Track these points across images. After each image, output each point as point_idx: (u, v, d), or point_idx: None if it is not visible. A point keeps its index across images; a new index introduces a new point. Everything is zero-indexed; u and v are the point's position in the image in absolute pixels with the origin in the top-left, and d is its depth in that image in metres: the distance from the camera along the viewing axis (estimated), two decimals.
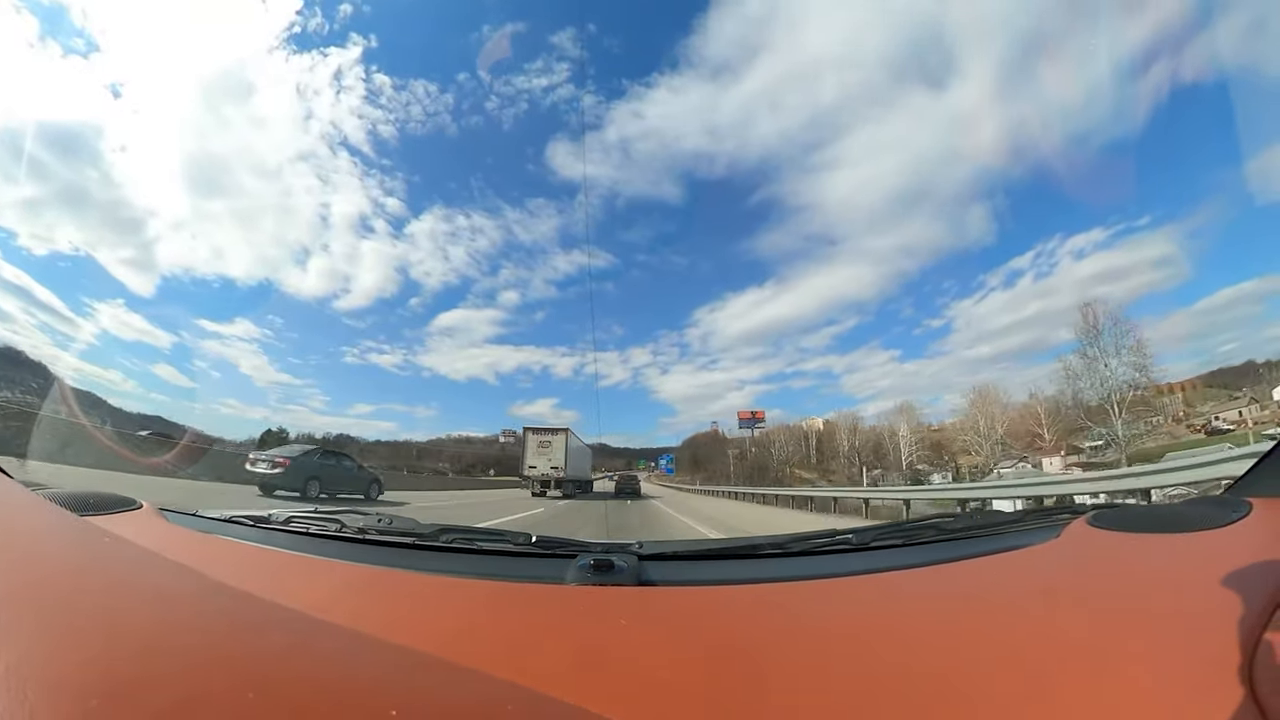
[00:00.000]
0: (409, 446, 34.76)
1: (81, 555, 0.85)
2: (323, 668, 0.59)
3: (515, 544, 1.26)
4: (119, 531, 1.10)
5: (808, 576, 1.10)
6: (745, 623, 0.91)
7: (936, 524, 1.33)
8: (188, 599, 0.76)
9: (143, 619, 0.63)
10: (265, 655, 0.59)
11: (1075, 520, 1.21)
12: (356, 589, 1.08)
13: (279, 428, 28.61)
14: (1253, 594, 0.73)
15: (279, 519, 1.45)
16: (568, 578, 1.06)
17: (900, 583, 1.06)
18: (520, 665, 0.70)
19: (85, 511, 1.35)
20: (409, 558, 1.22)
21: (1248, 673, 0.60)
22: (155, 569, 0.88)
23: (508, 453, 35.36)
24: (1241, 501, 1.09)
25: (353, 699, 0.51)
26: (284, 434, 27.23)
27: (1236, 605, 0.71)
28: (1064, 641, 0.73)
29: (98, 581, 0.75)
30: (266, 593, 0.80)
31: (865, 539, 1.27)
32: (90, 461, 11.98)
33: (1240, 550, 0.89)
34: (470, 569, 1.15)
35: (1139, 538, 1.06)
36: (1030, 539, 1.18)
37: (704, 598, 1.03)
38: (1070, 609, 0.85)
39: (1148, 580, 0.92)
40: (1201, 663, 0.64)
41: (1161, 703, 0.60)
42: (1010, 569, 1.06)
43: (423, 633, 0.82)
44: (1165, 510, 1.26)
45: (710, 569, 1.25)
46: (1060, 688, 0.63)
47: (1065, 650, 0.71)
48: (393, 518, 1.45)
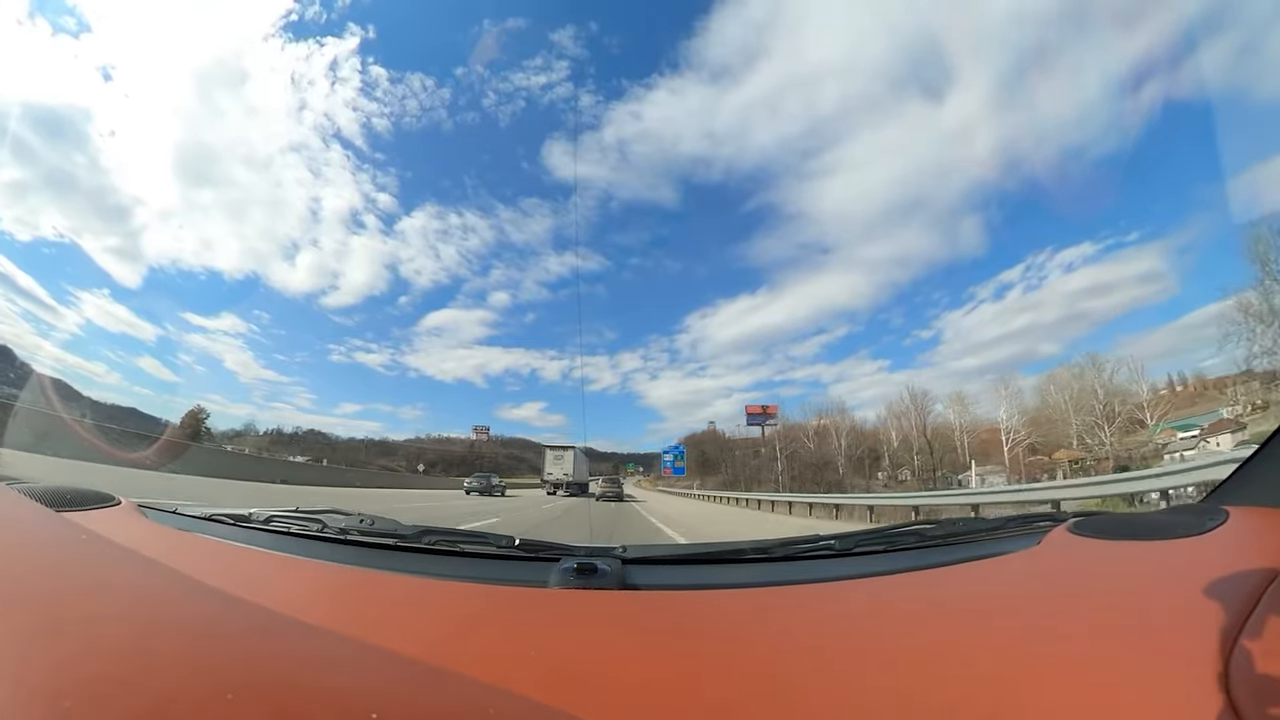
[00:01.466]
0: (374, 445, 34.45)
1: (57, 553, 0.83)
2: (303, 670, 0.59)
3: (498, 547, 1.25)
4: (96, 528, 1.08)
5: (791, 581, 1.11)
6: (728, 627, 0.91)
7: (919, 530, 1.34)
8: (166, 599, 0.75)
9: (120, 619, 0.62)
10: (245, 657, 0.58)
11: (1056, 528, 1.23)
12: (338, 590, 1.07)
13: (196, 404, 28.07)
14: (1229, 600, 0.74)
15: (260, 518, 1.43)
16: (551, 581, 1.05)
17: (883, 589, 1.06)
18: (502, 669, 0.69)
19: (61, 507, 1.33)
20: (391, 559, 1.21)
21: (1224, 678, 0.61)
22: (133, 568, 0.87)
23: (476, 450, 35.20)
24: (1219, 509, 1.11)
25: (333, 702, 0.51)
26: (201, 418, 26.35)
27: (1214, 611, 0.73)
28: (1044, 647, 0.74)
29: (73, 580, 0.73)
30: (247, 593, 0.79)
31: (849, 544, 1.27)
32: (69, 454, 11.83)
33: (1218, 557, 0.91)
34: (453, 571, 1.14)
35: (1119, 545, 1.08)
36: (1012, 546, 1.19)
37: (687, 602, 1.03)
38: (1050, 615, 0.86)
39: (1127, 587, 0.93)
40: (1179, 668, 0.65)
41: (1141, 707, 0.61)
42: (992, 576, 1.07)
43: (404, 635, 0.81)
44: (1144, 518, 1.28)
45: (693, 573, 1.25)
46: (1040, 693, 0.64)
47: (1045, 656, 0.71)
48: (375, 519, 1.44)
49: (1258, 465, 1.29)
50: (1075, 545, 1.13)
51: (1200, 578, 0.81)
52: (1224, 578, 0.82)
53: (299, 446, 30.18)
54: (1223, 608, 0.73)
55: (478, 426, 34.53)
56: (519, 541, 1.26)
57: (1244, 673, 0.61)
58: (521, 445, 38.62)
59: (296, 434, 30.67)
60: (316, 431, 31.41)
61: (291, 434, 30.59)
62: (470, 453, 34.63)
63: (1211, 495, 1.34)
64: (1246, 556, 0.89)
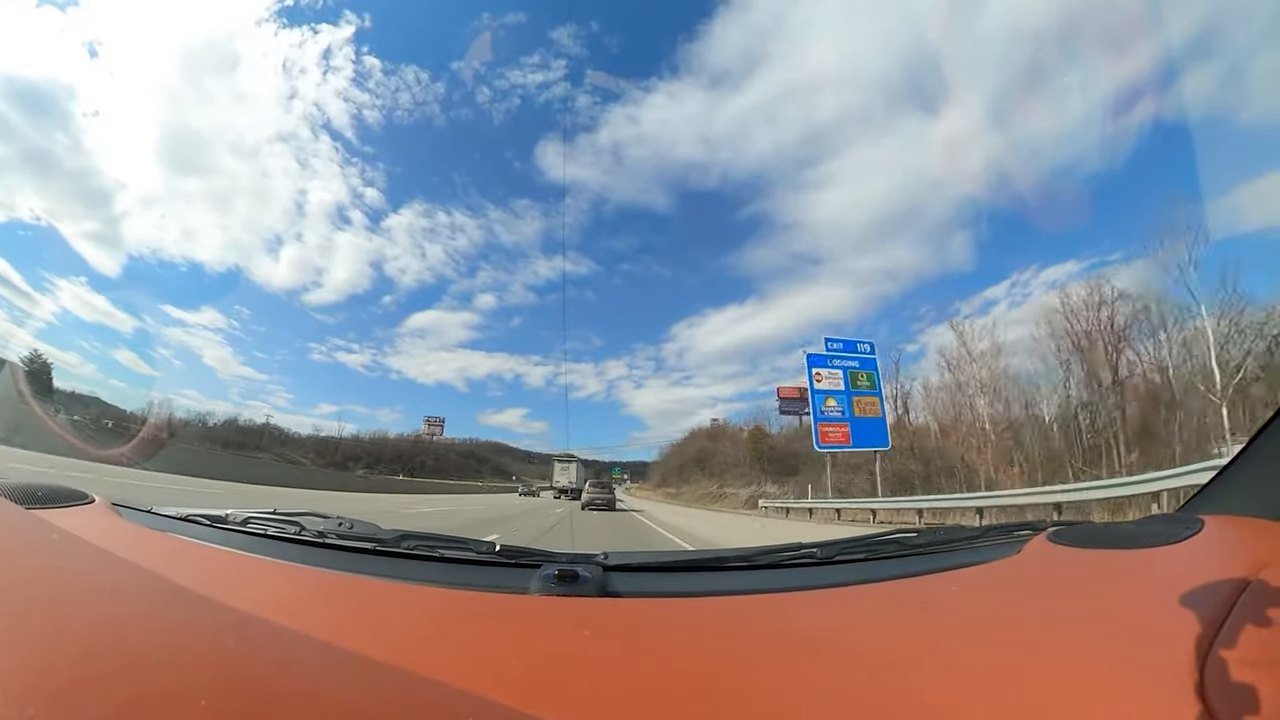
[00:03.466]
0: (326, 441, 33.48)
1: (26, 551, 0.81)
2: (278, 675, 0.57)
3: (478, 552, 1.24)
4: (68, 527, 1.06)
5: (773, 590, 1.11)
6: (708, 635, 0.91)
7: (899, 539, 1.35)
8: (139, 600, 0.73)
9: (89, 620, 0.60)
10: (219, 660, 0.57)
11: (1035, 537, 1.24)
12: (315, 594, 1.05)
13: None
14: (1205, 608, 0.76)
15: (237, 519, 1.40)
16: (531, 588, 1.04)
17: (863, 597, 1.07)
18: (480, 675, 0.69)
19: (32, 504, 1.29)
20: (369, 564, 1.19)
21: (1200, 685, 0.62)
22: (105, 567, 0.85)
23: (421, 446, 34.58)
24: (1194, 519, 1.13)
25: (309, 706, 0.50)
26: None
27: (1190, 619, 0.74)
28: (1023, 655, 0.75)
29: (43, 579, 0.71)
30: (222, 596, 0.78)
31: (830, 553, 1.28)
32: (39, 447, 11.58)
33: (1193, 566, 0.92)
34: (432, 577, 1.13)
35: (1097, 554, 1.09)
36: (991, 555, 1.20)
37: (668, 609, 1.03)
38: (1029, 623, 0.87)
39: (1105, 595, 0.94)
40: (1157, 675, 0.66)
41: (1119, 714, 0.62)
42: (971, 584, 1.08)
43: (382, 640, 0.80)
44: (1122, 527, 1.30)
45: (675, 580, 1.25)
46: (1019, 701, 0.64)
47: (1024, 664, 0.72)
48: (353, 522, 1.42)
49: (1233, 475, 1.31)
50: (1054, 554, 1.15)
51: (1176, 586, 0.83)
52: (1200, 586, 0.83)
53: (250, 438, 29.15)
54: (1198, 616, 0.74)
55: (430, 418, 33.64)
56: (499, 547, 1.24)
57: (1219, 680, 0.62)
58: (494, 449, 38.03)
59: (252, 427, 29.64)
60: (274, 426, 30.54)
61: (248, 428, 29.57)
62: (413, 449, 33.68)
63: (1188, 504, 1.37)
64: (1222, 565, 0.91)
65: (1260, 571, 0.84)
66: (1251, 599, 0.77)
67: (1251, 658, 0.65)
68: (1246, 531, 1.11)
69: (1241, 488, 1.28)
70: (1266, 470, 1.25)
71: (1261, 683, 0.61)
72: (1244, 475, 1.29)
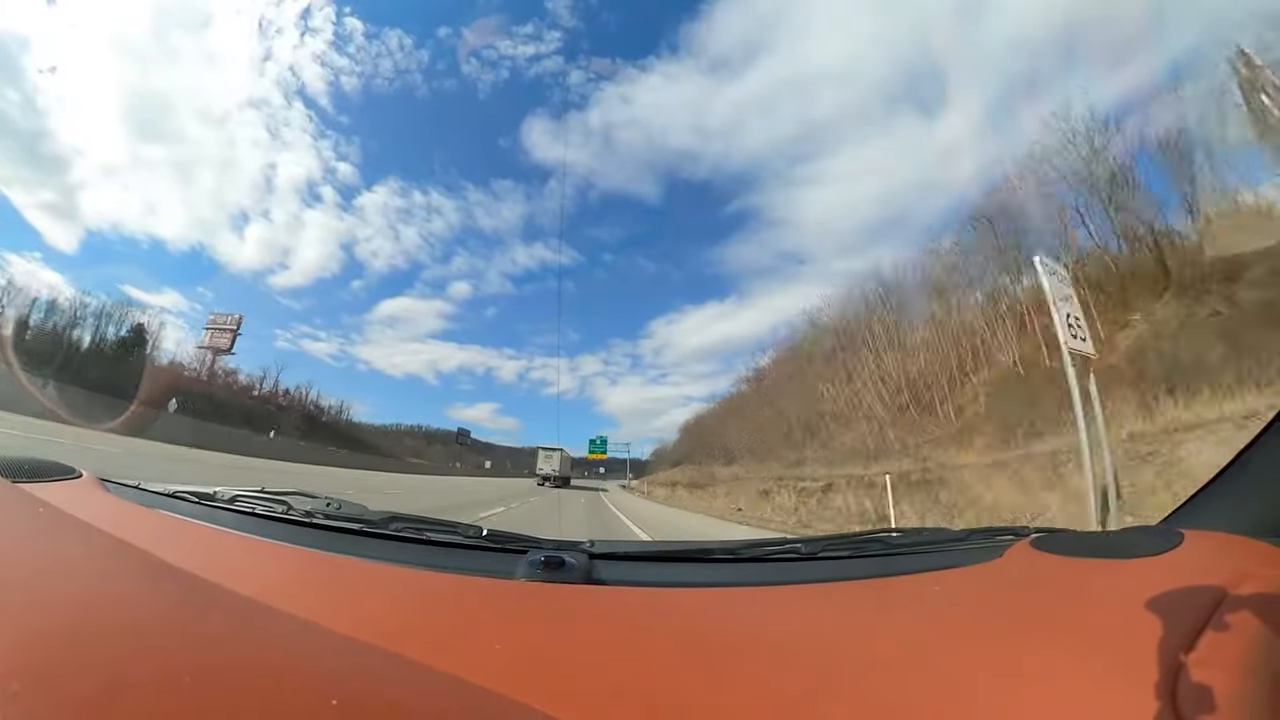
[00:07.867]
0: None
1: (10, 526, 0.81)
2: (264, 653, 0.58)
3: (465, 536, 1.24)
4: (55, 501, 1.05)
5: (756, 583, 1.12)
6: (692, 625, 0.92)
7: (883, 538, 1.36)
8: (125, 576, 0.73)
9: (75, 596, 0.60)
10: (204, 638, 0.57)
11: (1018, 542, 1.26)
12: (301, 574, 1.06)
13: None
14: (1181, 620, 0.77)
15: (225, 497, 1.40)
16: (517, 573, 1.05)
17: (845, 594, 1.08)
18: (465, 659, 0.69)
19: (18, 478, 1.29)
20: (356, 544, 1.19)
21: (1173, 695, 0.63)
22: (92, 543, 0.85)
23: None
24: (1175, 532, 1.15)
25: (294, 686, 0.50)
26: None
27: (1166, 630, 0.75)
28: (999, 658, 0.76)
29: (28, 554, 0.71)
30: (208, 573, 0.78)
31: (815, 549, 1.29)
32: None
33: (1170, 578, 0.93)
34: (418, 559, 1.14)
35: (1077, 562, 1.11)
36: (973, 558, 1.22)
37: (652, 599, 1.04)
38: (1007, 627, 0.88)
39: (1083, 603, 0.95)
40: (1130, 683, 0.67)
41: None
42: (953, 586, 1.09)
43: (367, 621, 0.80)
44: (1104, 537, 1.32)
45: (661, 570, 1.26)
46: (993, 704, 0.65)
47: (1000, 667, 0.73)
48: (341, 502, 1.42)
49: (1213, 491, 1.33)
50: (1035, 560, 1.16)
51: (1153, 597, 0.84)
52: (1177, 598, 0.84)
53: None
54: (1175, 627, 0.75)
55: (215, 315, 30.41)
56: (486, 532, 1.25)
57: (1191, 691, 0.64)
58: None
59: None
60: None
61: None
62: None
63: (1169, 518, 1.39)
64: (1199, 578, 0.92)
65: (1237, 586, 0.85)
66: (1227, 613, 0.79)
67: (1224, 669, 0.66)
68: (1225, 547, 1.13)
69: (1221, 504, 1.31)
70: (1246, 488, 1.27)
71: (1233, 694, 0.62)
72: (1224, 492, 1.32)
